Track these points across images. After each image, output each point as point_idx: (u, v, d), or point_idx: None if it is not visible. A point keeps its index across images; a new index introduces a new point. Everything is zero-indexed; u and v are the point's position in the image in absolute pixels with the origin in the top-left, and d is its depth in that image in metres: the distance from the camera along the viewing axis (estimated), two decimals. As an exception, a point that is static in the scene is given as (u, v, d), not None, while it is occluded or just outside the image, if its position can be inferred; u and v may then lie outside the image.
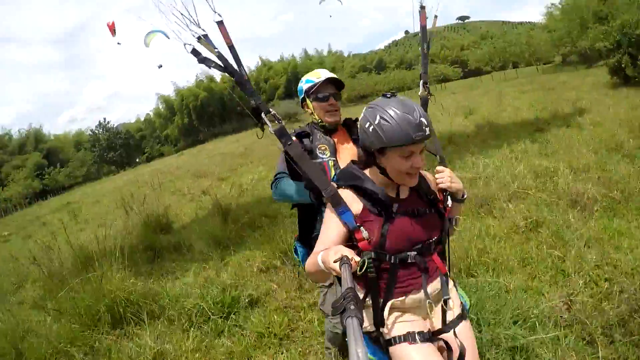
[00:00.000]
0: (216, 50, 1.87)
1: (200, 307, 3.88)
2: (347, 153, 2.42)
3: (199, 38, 1.84)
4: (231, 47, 1.88)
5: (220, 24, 1.87)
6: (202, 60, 1.88)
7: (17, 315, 4.54)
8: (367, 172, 1.87)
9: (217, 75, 62.11)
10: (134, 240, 6.61)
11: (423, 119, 1.60)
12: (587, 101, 12.01)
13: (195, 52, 1.87)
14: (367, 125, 1.68)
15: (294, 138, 2.22)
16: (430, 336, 1.74)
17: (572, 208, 4.61)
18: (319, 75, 2.53)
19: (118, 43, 28.74)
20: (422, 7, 2.36)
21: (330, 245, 1.69)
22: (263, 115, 1.90)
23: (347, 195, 1.79)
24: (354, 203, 1.77)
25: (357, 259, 1.47)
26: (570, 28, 33.79)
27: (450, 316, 1.81)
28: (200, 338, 3.52)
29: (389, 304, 1.75)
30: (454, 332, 1.76)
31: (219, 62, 1.88)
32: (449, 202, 1.90)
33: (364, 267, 1.53)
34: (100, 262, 4.46)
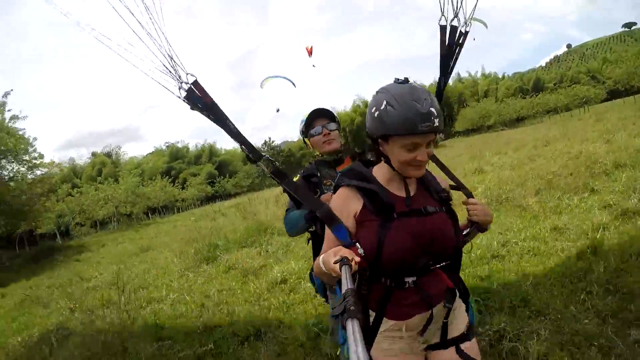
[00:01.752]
0: (209, 100, 1.91)
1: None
2: None
3: (192, 85, 1.88)
4: (212, 104, 1.91)
5: (195, 84, 1.87)
6: (195, 107, 1.91)
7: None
8: (375, 168, 1.89)
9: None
10: (279, 216, 13.83)
11: (433, 109, 1.56)
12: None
13: (188, 99, 1.90)
14: (372, 110, 1.68)
15: (297, 177, 2.74)
16: None
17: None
18: (307, 112, 2.81)
19: (313, 65, 35.60)
20: (443, 27, 2.23)
21: None
22: (260, 163, 2.00)
23: (348, 194, 1.81)
24: (354, 202, 1.79)
25: (357, 259, 1.49)
26: None
27: (452, 332, 1.84)
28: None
29: (384, 324, 1.76)
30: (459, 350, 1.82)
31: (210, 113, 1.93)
32: (468, 232, 1.96)
33: (357, 282, 1.63)
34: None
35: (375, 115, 1.65)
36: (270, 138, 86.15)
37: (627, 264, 4.18)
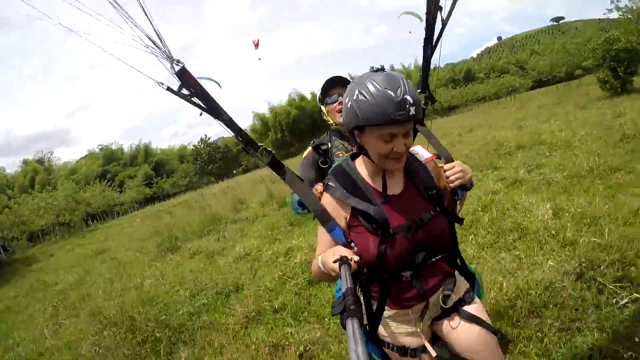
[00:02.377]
0: (199, 88, 1.77)
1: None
2: None
3: (180, 71, 1.70)
4: (203, 92, 1.78)
5: (182, 72, 1.71)
6: (185, 96, 1.77)
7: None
8: (358, 161, 1.91)
9: (308, 94, 71.78)
10: (228, 208, 15.12)
11: (408, 97, 1.53)
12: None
13: (173, 89, 1.73)
14: (346, 101, 1.66)
15: (309, 149, 2.76)
16: (422, 352, 1.85)
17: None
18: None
19: (259, 58, 36.32)
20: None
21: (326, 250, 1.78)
22: (254, 152, 1.90)
23: (335, 199, 1.82)
24: (343, 207, 1.81)
25: (357, 258, 1.56)
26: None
27: (449, 304, 1.89)
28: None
29: (388, 311, 1.87)
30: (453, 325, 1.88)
31: (200, 102, 1.81)
32: (458, 205, 1.93)
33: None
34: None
35: (349, 105, 1.64)
36: (206, 135, 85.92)
37: (505, 214, 5.80)
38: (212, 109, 1.83)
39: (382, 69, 1.66)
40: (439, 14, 2.19)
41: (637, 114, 11.59)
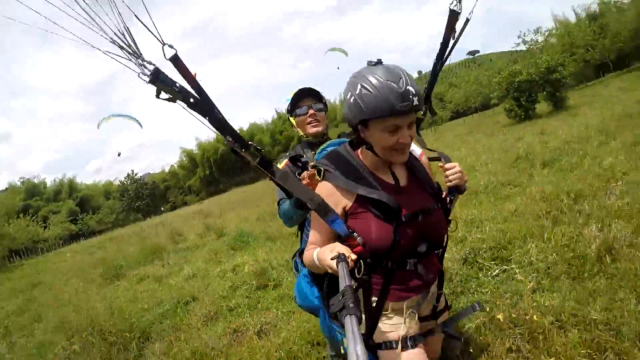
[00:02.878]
0: (192, 81, 1.61)
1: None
2: None
3: (171, 61, 1.53)
4: (195, 85, 1.62)
5: (175, 59, 1.55)
6: (169, 92, 1.57)
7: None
8: (359, 152, 1.89)
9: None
10: (167, 240, 15.66)
11: (410, 88, 1.55)
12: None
13: (155, 81, 1.53)
14: (348, 96, 1.66)
15: (285, 161, 2.59)
16: (420, 338, 1.84)
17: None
18: (294, 91, 2.72)
19: None
20: (453, 11, 2.23)
21: (320, 243, 1.81)
22: (243, 151, 1.75)
23: (337, 187, 1.78)
24: (345, 195, 1.78)
25: (354, 256, 1.52)
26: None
27: (441, 305, 2.05)
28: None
29: (388, 307, 1.83)
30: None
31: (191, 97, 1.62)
32: (450, 203, 1.98)
33: (360, 272, 1.60)
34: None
35: (351, 100, 1.63)
36: (133, 170, 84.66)
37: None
38: (204, 104, 1.68)
39: (380, 62, 1.67)
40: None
41: (533, 137, 13.54)
